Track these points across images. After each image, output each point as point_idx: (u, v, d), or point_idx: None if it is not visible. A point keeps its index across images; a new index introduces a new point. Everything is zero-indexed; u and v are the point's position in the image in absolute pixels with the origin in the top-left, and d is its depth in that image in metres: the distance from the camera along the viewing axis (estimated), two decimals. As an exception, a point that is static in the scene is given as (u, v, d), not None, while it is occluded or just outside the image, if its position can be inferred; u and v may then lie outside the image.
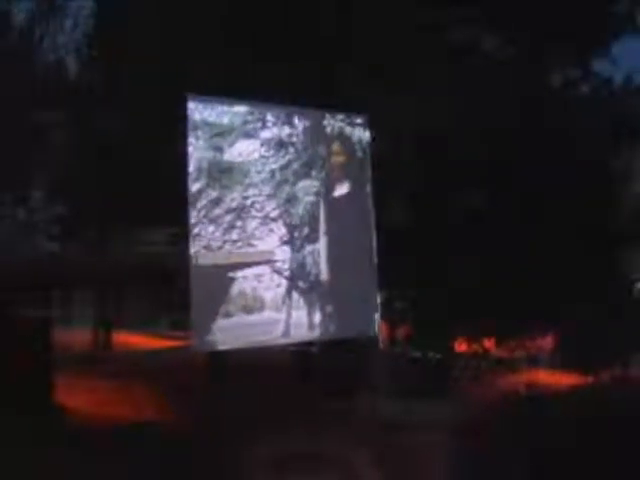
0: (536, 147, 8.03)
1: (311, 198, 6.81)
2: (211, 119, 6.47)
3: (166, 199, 7.03)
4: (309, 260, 6.82)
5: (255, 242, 6.56)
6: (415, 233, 8.41)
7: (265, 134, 6.66)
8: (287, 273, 6.71)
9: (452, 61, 8.53)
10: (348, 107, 7.29)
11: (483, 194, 8.70)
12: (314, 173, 6.89)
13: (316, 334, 6.90)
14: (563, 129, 8.33)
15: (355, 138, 7.16)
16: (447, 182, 8.41)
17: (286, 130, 6.76)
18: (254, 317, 6.53)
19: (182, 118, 6.35)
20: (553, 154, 8.14)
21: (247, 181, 6.52)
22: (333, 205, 6.95)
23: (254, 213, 6.54)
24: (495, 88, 8.35)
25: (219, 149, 6.45)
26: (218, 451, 5.71)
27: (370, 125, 7.20)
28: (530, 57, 9.02)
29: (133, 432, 6.19)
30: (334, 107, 7.01)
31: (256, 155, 6.59)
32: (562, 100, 8.94)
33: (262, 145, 6.63)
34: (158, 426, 6.53)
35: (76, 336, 9.15)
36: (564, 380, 8.64)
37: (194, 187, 6.31)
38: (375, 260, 7.27)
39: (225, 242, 6.42)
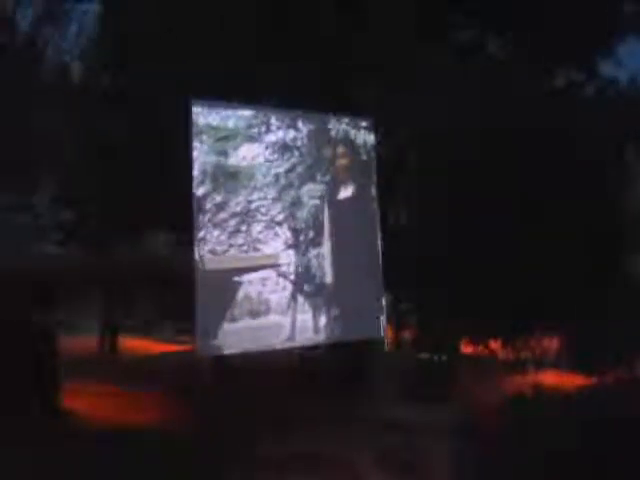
0: (541, 149, 8.00)
1: (316, 202, 6.82)
2: (215, 123, 6.50)
3: (171, 203, 7.05)
4: (314, 263, 6.84)
5: (260, 246, 6.58)
6: (420, 235, 8.41)
7: (270, 138, 6.69)
8: (292, 277, 6.73)
9: (457, 63, 8.51)
10: (352, 109, 7.31)
11: (489, 195, 8.68)
12: (319, 176, 6.90)
13: (322, 337, 6.92)
14: (571, 131, 8.31)
15: (360, 141, 7.17)
16: (452, 184, 8.39)
17: (291, 133, 6.78)
18: (259, 321, 6.55)
19: (186, 122, 6.37)
20: (559, 156, 8.11)
21: (252, 185, 6.54)
22: (338, 208, 6.96)
23: (259, 217, 6.56)
24: (499, 90, 8.33)
25: (224, 153, 6.47)
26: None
27: (375, 127, 7.22)
28: (536, 58, 8.99)
29: (139, 435, 6.21)
30: (339, 110, 7.03)
31: (261, 159, 6.62)
32: (570, 102, 8.92)
33: (267, 149, 6.66)
34: (165, 429, 6.55)
35: (82, 341, 9.20)
36: (571, 381, 8.61)
37: (199, 191, 6.35)
38: (380, 262, 7.27)
39: (230, 246, 6.44)
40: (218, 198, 6.40)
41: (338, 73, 8.20)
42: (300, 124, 6.84)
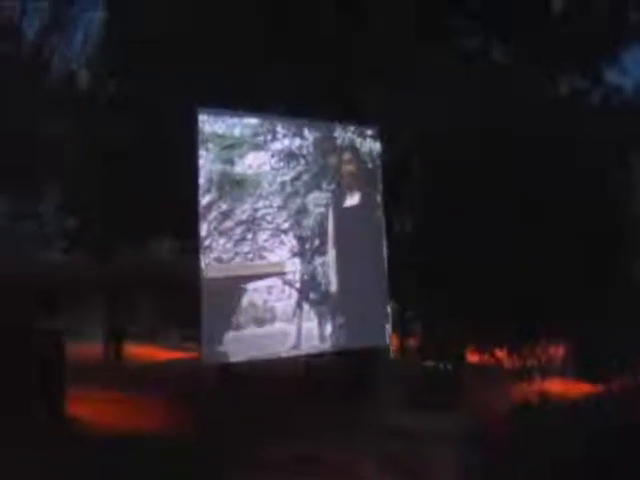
0: (549, 156, 8.00)
1: (321, 210, 6.83)
2: (221, 131, 6.52)
3: (178, 211, 7.06)
4: (320, 271, 6.84)
5: (266, 254, 6.58)
6: (425, 242, 8.40)
7: (275, 146, 6.70)
8: (298, 284, 6.73)
9: (461, 69, 8.52)
10: (358, 116, 7.31)
11: (495, 203, 8.69)
12: (324, 185, 6.91)
13: (327, 345, 6.91)
14: (577, 138, 8.31)
15: (366, 149, 7.18)
16: (457, 191, 8.39)
17: (296, 142, 6.79)
18: (265, 329, 6.55)
19: (193, 130, 6.39)
20: (565, 163, 8.11)
21: (258, 193, 6.56)
22: (344, 216, 6.97)
23: (265, 225, 6.57)
24: (506, 96, 8.34)
25: (230, 161, 6.49)
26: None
27: (380, 135, 7.22)
28: (541, 65, 9.01)
29: (144, 442, 6.21)
30: (344, 116, 7.04)
31: (267, 167, 6.63)
32: (576, 108, 8.92)
33: (272, 157, 6.67)
34: (170, 437, 6.54)
35: (88, 348, 9.20)
36: (577, 389, 8.58)
37: (205, 199, 6.36)
38: (386, 270, 7.27)
39: (236, 254, 6.45)
40: (224, 206, 6.41)
41: (343, 79, 8.23)
42: (306, 132, 6.85)
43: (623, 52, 9.02)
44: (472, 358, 9.07)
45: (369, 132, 7.16)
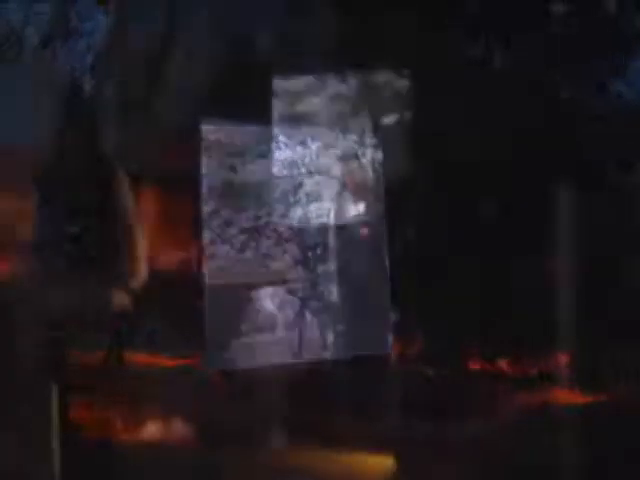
0: (554, 168, 8.00)
1: (324, 219, 6.86)
2: (224, 139, 6.56)
3: (179, 218, 7.11)
4: (322, 279, 6.87)
5: (268, 262, 6.62)
6: (428, 250, 8.40)
7: (278, 154, 6.74)
8: (300, 293, 6.76)
9: (464, 75, 8.52)
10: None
11: (497, 208, 8.70)
12: (327, 193, 6.94)
13: (329, 353, 6.93)
14: (578, 144, 8.31)
15: (368, 158, 7.20)
16: (460, 196, 8.40)
17: (299, 151, 6.82)
18: (267, 336, 6.59)
19: (196, 138, 6.43)
20: (568, 171, 8.11)
21: (260, 201, 6.60)
22: (346, 225, 7.00)
23: (268, 233, 6.61)
24: (507, 103, 8.35)
25: (232, 169, 6.54)
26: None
27: (383, 143, 7.23)
28: (542, 70, 9.01)
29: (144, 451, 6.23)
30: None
31: (269, 175, 6.67)
32: (577, 115, 8.92)
33: (275, 165, 6.71)
34: (169, 445, 6.56)
35: (89, 355, 9.19)
36: (580, 399, 8.57)
37: (207, 207, 6.41)
38: (388, 279, 7.28)
39: (238, 262, 6.50)
40: (226, 214, 6.46)
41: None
42: (309, 141, 6.88)
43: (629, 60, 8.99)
44: (474, 366, 9.04)
45: (371, 141, 7.18)
